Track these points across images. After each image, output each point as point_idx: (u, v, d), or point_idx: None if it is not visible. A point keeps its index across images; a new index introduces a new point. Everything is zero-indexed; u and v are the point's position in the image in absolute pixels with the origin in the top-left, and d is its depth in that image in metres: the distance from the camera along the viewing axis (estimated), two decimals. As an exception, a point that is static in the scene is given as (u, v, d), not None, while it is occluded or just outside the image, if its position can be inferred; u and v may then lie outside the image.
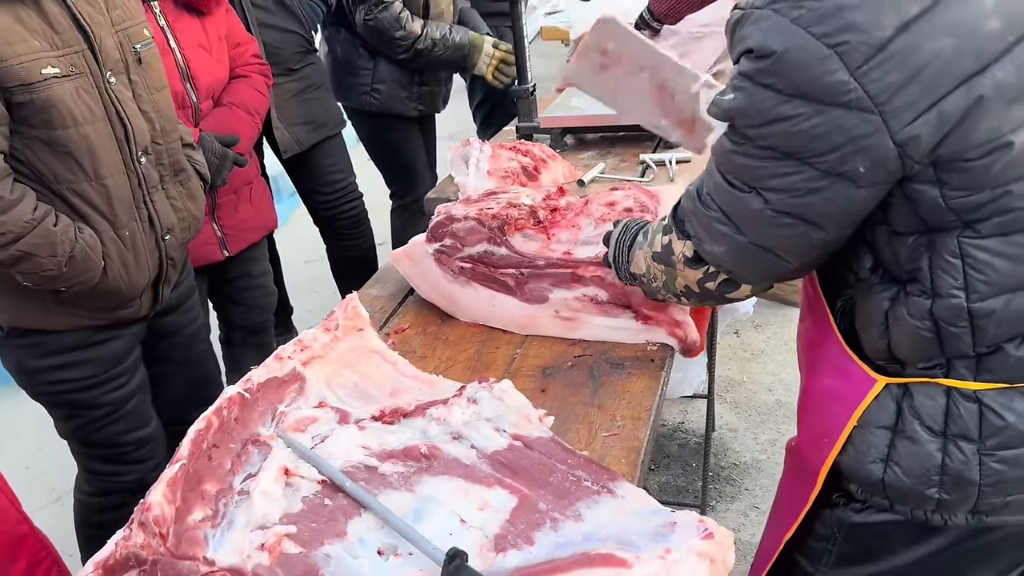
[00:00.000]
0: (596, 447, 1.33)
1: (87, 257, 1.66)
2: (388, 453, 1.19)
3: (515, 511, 1.10)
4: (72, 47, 1.62)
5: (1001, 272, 0.93)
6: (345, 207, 3.19)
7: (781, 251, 1.03)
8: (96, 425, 1.89)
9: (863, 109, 0.87)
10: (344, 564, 1.00)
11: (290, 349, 1.31)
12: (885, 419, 1.04)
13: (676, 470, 2.70)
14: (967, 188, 0.90)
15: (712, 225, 1.06)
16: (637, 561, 1.00)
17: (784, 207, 0.97)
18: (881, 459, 1.04)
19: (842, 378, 1.09)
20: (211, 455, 1.11)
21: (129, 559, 0.97)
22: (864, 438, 1.06)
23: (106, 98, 1.67)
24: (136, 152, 1.74)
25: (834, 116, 0.88)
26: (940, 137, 0.87)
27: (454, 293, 1.72)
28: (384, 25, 2.93)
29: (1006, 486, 1.00)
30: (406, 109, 3.18)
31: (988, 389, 0.99)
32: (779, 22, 0.88)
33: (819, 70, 0.86)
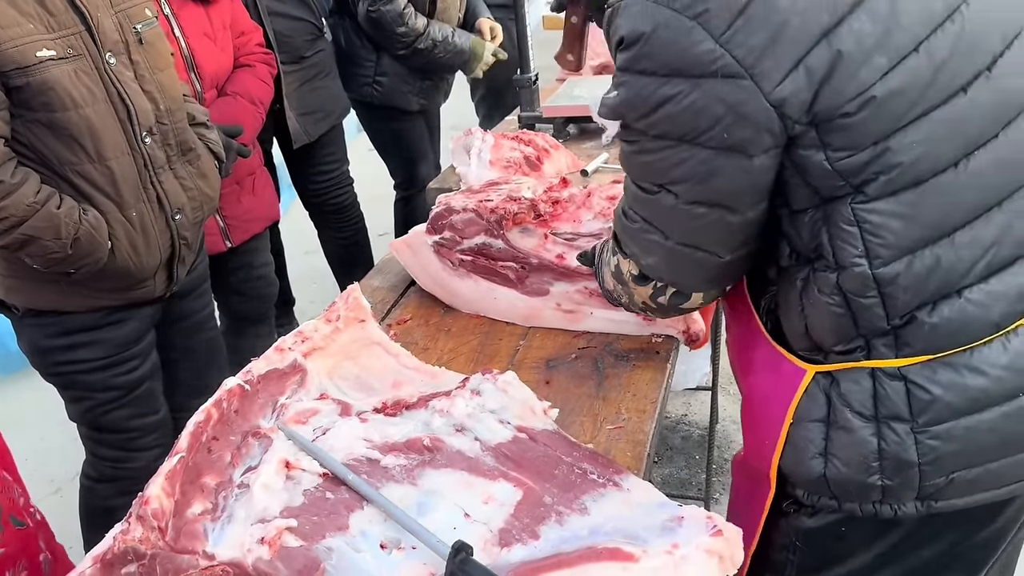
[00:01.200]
0: (601, 440, 1.31)
1: (92, 239, 1.66)
2: (390, 446, 1.17)
3: (520, 505, 1.09)
4: (69, 29, 1.60)
5: (898, 233, 0.93)
6: (333, 193, 3.18)
7: (707, 245, 1.04)
8: (105, 408, 1.88)
9: (734, 75, 0.88)
10: (346, 558, 0.99)
11: (291, 340, 1.29)
12: (817, 412, 1.03)
13: (679, 463, 2.69)
14: (849, 147, 0.91)
15: (640, 237, 1.08)
16: (644, 555, 0.99)
17: (693, 196, 0.98)
18: (820, 453, 1.03)
19: (774, 375, 1.08)
20: (211, 448, 1.09)
21: (127, 553, 0.96)
22: (800, 435, 1.05)
23: (106, 79, 1.66)
24: (140, 133, 1.73)
25: (709, 87, 0.89)
26: (812, 94, 0.88)
27: (453, 285, 1.70)
28: (387, 19, 2.90)
29: (945, 462, 0.98)
30: (408, 103, 3.16)
31: (911, 364, 0.97)
32: (643, 6, 0.91)
33: (686, 43, 0.89)
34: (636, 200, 1.06)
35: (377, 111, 3.21)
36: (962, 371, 0.96)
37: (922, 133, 0.90)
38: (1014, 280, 0.96)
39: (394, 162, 3.39)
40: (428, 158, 3.40)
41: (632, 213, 1.07)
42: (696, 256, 1.05)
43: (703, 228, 1.01)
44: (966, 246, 0.94)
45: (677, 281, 1.10)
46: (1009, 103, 0.94)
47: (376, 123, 3.30)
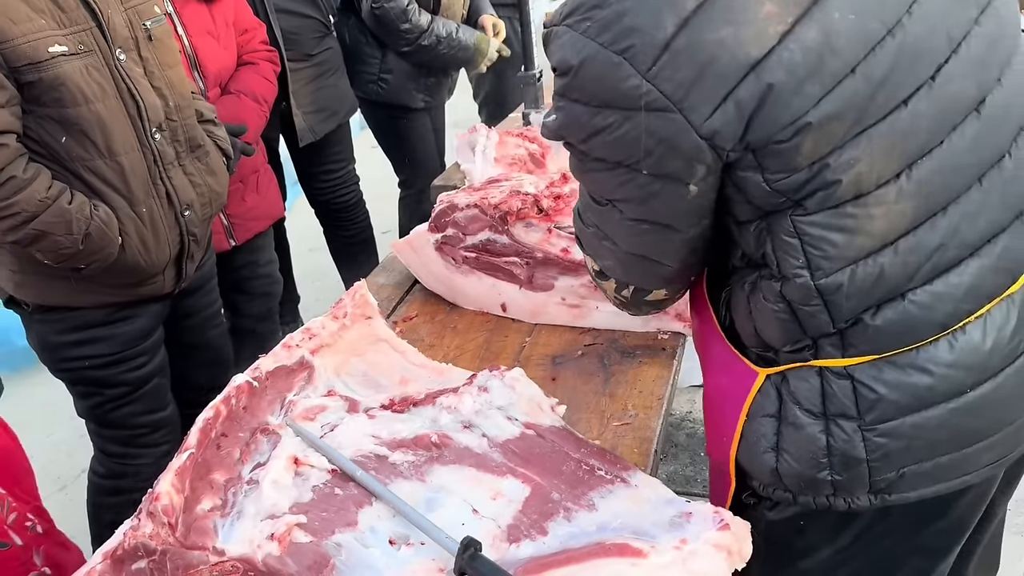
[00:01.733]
0: (608, 436, 1.31)
1: (103, 234, 1.66)
2: (398, 442, 1.17)
3: (528, 501, 1.09)
4: (79, 25, 1.61)
5: (839, 245, 0.92)
6: (340, 191, 3.17)
7: (654, 256, 1.04)
8: (113, 404, 1.89)
9: (662, 109, 0.87)
10: (355, 554, 0.99)
11: (298, 337, 1.29)
12: (769, 407, 1.04)
13: (684, 459, 2.68)
14: (785, 169, 0.90)
15: (594, 241, 1.09)
16: (652, 551, 0.99)
17: (635, 214, 0.99)
18: (772, 448, 1.04)
19: (729, 374, 1.09)
20: (220, 444, 1.10)
21: (138, 549, 0.96)
22: (753, 429, 1.05)
23: (116, 75, 1.67)
24: (150, 128, 1.73)
25: (639, 120, 0.89)
26: (744, 126, 0.88)
27: (457, 283, 1.70)
28: (390, 16, 2.89)
29: (894, 459, 0.99)
30: (413, 100, 3.15)
31: (857, 364, 0.98)
32: (572, 37, 0.90)
33: (614, 78, 0.88)
34: (588, 209, 1.07)
35: (382, 109, 3.21)
36: (908, 370, 0.96)
37: (860, 150, 0.89)
38: (959, 280, 0.95)
39: (398, 160, 3.38)
40: (433, 156, 3.39)
41: (587, 218, 1.08)
42: (644, 264, 1.06)
43: (649, 242, 1.02)
44: (910, 252, 0.94)
45: (631, 282, 1.11)
46: (955, 108, 0.93)
47: (381, 121, 3.29)
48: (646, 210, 0.98)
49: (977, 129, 0.94)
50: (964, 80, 0.93)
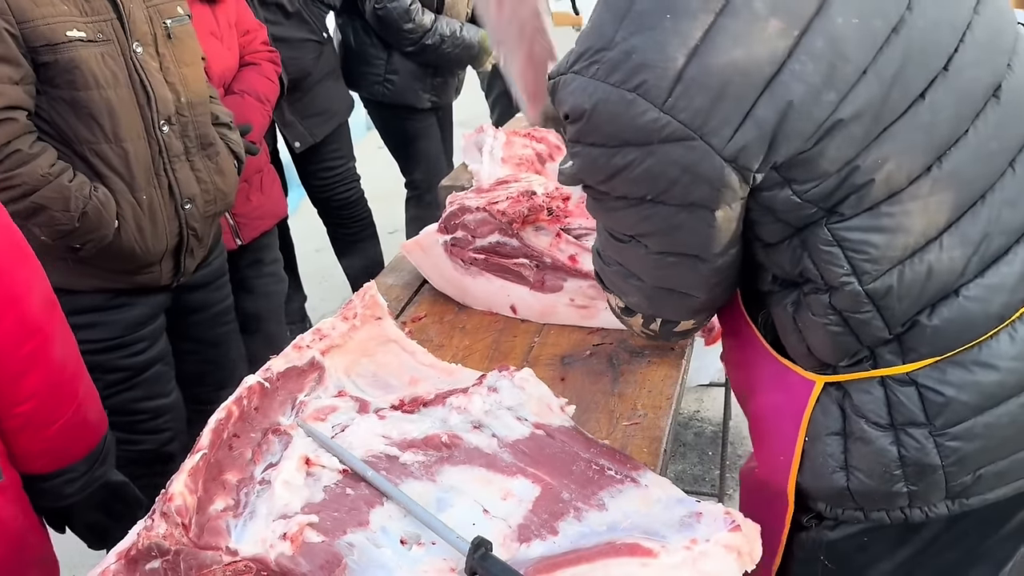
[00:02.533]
0: (617, 436, 1.32)
1: (99, 215, 1.70)
2: (409, 442, 1.18)
3: (538, 500, 1.09)
4: (100, 15, 1.68)
5: (881, 247, 0.92)
6: (339, 189, 3.18)
7: (683, 288, 1.04)
8: (112, 390, 1.91)
9: (683, 139, 0.88)
10: (367, 553, 1.00)
11: (309, 338, 1.30)
12: (833, 425, 1.02)
13: (692, 459, 2.69)
14: (813, 178, 0.90)
15: (618, 279, 1.08)
16: (663, 551, 0.99)
17: (661, 247, 0.99)
18: (841, 467, 1.01)
19: (782, 389, 1.06)
20: (232, 444, 1.10)
21: (151, 549, 0.96)
22: (818, 449, 1.03)
23: (131, 65, 1.73)
24: (158, 120, 1.78)
25: (662, 152, 0.89)
26: (767, 143, 0.88)
27: (467, 283, 1.71)
28: (393, 16, 2.90)
29: (969, 461, 0.97)
30: (419, 101, 3.15)
31: (919, 368, 0.96)
32: (581, 82, 0.90)
33: (629, 115, 0.88)
34: (609, 246, 1.06)
35: (389, 109, 3.21)
36: (972, 368, 0.95)
37: (886, 148, 0.89)
38: (1009, 270, 0.95)
39: (405, 161, 3.38)
40: (440, 157, 3.39)
41: (608, 257, 1.08)
42: (673, 296, 1.05)
43: (677, 274, 1.01)
44: (956, 246, 0.93)
45: (658, 315, 1.11)
46: (973, 95, 0.92)
47: (387, 122, 3.30)
48: (672, 242, 0.97)
49: (999, 115, 0.93)
50: (977, 67, 0.92)
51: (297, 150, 2.99)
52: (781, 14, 0.86)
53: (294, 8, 2.79)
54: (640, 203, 0.95)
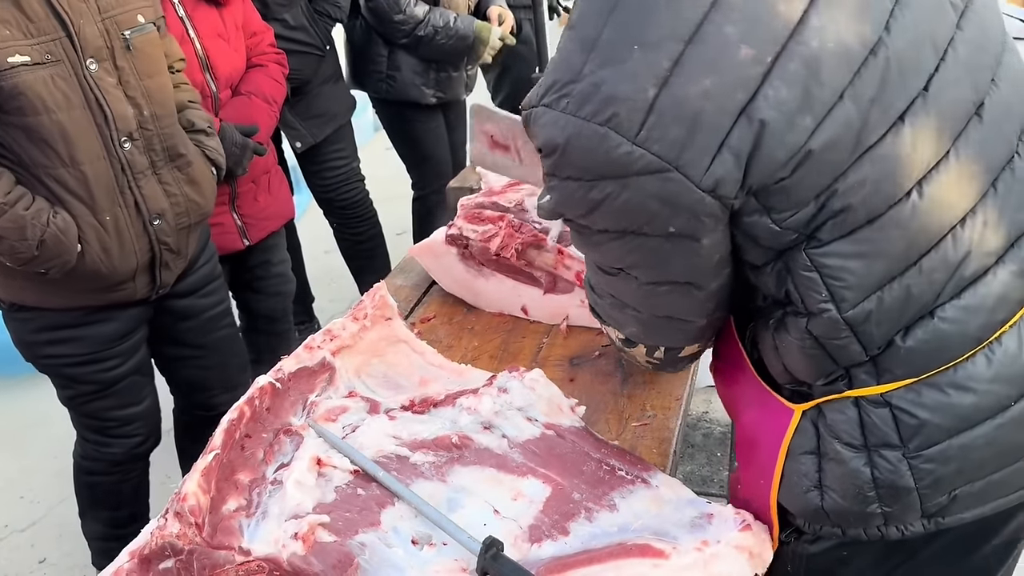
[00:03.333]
0: (627, 437, 1.32)
1: (59, 242, 1.66)
2: (419, 443, 1.18)
3: (549, 501, 1.09)
4: (48, 35, 1.60)
5: (859, 273, 0.90)
6: (342, 189, 3.17)
7: (680, 315, 1.02)
8: (86, 398, 1.93)
9: (658, 171, 0.86)
10: (379, 553, 1.00)
11: (319, 339, 1.30)
12: (808, 444, 1.00)
13: (701, 460, 2.68)
14: (792, 207, 0.88)
15: (613, 311, 1.07)
16: (674, 552, 0.99)
17: (651, 278, 0.97)
18: (815, 486, 1.00)
19: (763, 411, 1.06)
20: (244, 445, 1.11)
21: (165, 548, 0.97)
22: (794, 468, 1.01)
23: (85, 85, 1.66)
24: (118, 138, 1.72)
25: (638, 185, 0.87)
26: (743, 171, 0.86)
27: (478, 286, 1.71)
28: (383, 8, 2.89)
29: (944, 483, 0.95)
30: (422, 96, 3.14)
31: (894, 389, 0.94)
32: (552, 116, 0.89)
33: (603, 149, 0.86)
34: (600, 280, 1.04)
35: (392, 107, 3.20)
36: (947, 390, 0.93)
37: (864, 172, 0.87)
38: (988, 291, 0.92)
39: (409, 160, 3.36)
40: (445, 156, 3.39)
41: (601, 291, 1.06)
42: (671, 324, 1.03)
43: (671, 303, 1.00)
44: (936, 270, 0.91)
45: (659, 344, 1.08)
46: (955, 116, 0.90)
47: (392, 119, 3.28)
48: (662, 272, 0.96)
49: (982, 134, 0.92)
50: (958, 86, 0.91)
51: (298, 150, 2.99)
52: (753, 40, 0.84)
53: (298, 22, 2.80)
54: (623, 235, 0.93)
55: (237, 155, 2.24)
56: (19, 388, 3.28)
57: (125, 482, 2.08)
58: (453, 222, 1.73)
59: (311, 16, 2.82)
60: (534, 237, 1.61)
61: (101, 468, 2.04)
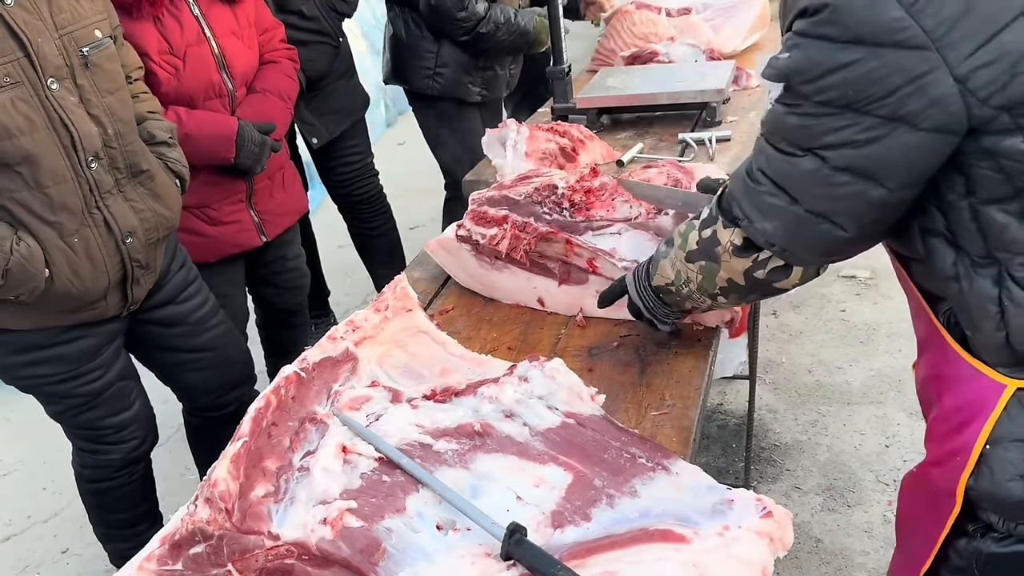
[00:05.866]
0: (646, 426, 1.33)
1: (24, 269, 1.64)
2: (442, 431, 1.20)
3: (571, 487, 1.11)
4: (6, 56, 1.56)
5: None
6: (357, 184, 3.18)
7: (837, 216, 0.98)
8: (75, 411, 1.93)
9: (920, 47, 0.84)
10: (405, 538, 1.02)
11: (342, 329, 1.32)
12: (1019, 432, 0.95)
13: (716, 451, 2.69)
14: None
15: (763, 200, 1.03)
16: (696, 537, 1.00)
17: (842, 162, 0.94)
18: (1020, 476, 0.95)
19: (969, 392, 1.01)
20: (270, 433, 1.13)
21: (195, 534, 0.99)
22: (998, 455, 0.97)
23: (48, 105, 1.63)
24: (85, 158, 1.69)
25: (891, 57, 0.86)
26: (1006, 75, 0.83)
27: (493, 278, 1.72)
28: (447, 5, 2.89)
29: None
30: (468, 94, 3.12)
31: None
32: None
33: (873, 10, 0.85)
34: (771, 162, 1.01)
35: (435, 104, 3.16)
36: None
37: None
38: None
39: (446, 159, 3.30)
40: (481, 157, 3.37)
41: (761, 176, 1.02)
42: (821, 227, 0.99)
43: (840, 197, 0.96)
44: None
45: (790, 249, 1.04)
46: None
47: (433, 118, 3.23)
48: (859, 156, 0.92)
49: None
50: None
51: (314, 146, 3.01)
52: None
53: (312, 13, 2.81)
54: (843, 111, 0.90)
55: (256, 153, 2.26)
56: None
57: (130, 484, 2.09)
58: (462, 221, 1.75)
59: (324, 8, 2.83)
60: (538, 233, 1.63)
61: (103, 475, 2.05)
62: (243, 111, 2.30)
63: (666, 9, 3.33)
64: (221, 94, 2.25)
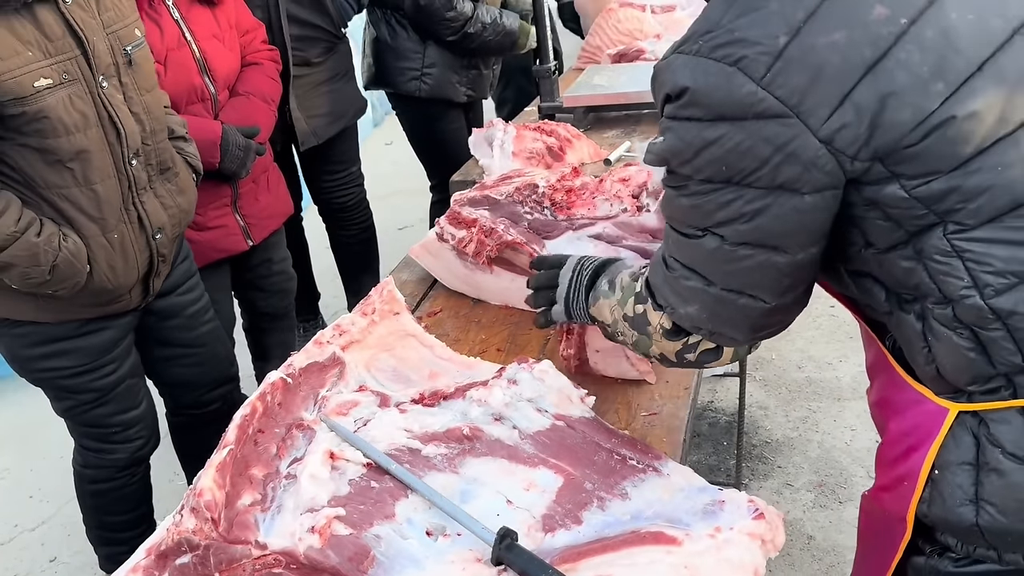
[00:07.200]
0: (636, 427, 1.32)
1: (71, 264, 1.66)
2: (430, 435, 1.19)
3: (561, 491, 1.10)
4: (65, 54, 1.60)
5: (1006, 260, 0.88)
6: (339, 192, 3.14)
7: (752, 289, 1.00)
8: (85, 407, 1.93)
9: (778, 115, 0.88)
10: (394, 545, 1.01)
11: (329, 334, 1.31)
12: (965, 455, 0.95)
13: (707, 449, 2.69)
14: (923, 174, 0.88)
15: (680, 285, 1.05)
16: (687, 539, 1.00)
17: (739, 238, 0.96)
18: (970, 500, 0.94)
19: (914, 416, 1.01)
20: (257, 440, 1.11)
21: (181, 544, 0.98)
22: (947, 480, 0.96)
23: (99, 103, 1.66)
24: (128, 155, 1.72)
25: (754, 128, 0.89)
26: (867, 130, 0.87)
27: (478, 280, 1.71)
28: (436, 5, 2.88)
29: None
30: (456, 94, 3.11)
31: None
32: (685, 60, 0.93)
33: (728, 88, 0.89)
34: (678, 246, 1.03)
35: (421, 105, 3.14)
36: None
37: (1011, 155, 0.86)
38: None
39: (432, 160, 3.30)
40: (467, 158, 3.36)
41: (672, 261, 1.05)
42: (740, 302, 1.00)
43: (748, 271, 0.98)
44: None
45: (717, 330, 1.05)
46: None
47: (419, 121, 3.21)
48: (752, 229, 0.94)
49: None
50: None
51: (301, 148, 2.97)
52: (888, 1, 0.86)
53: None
54: (724, 187, 0.93)
55: (241, 157, 2.24)
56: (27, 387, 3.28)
57: (130, 485, 2.08)
58: (438, 220, 1.74)
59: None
60: (502, 241, 1.62)
61: (105, 475, 2.04)
62: (226, 115, 2.27)
63: (651, 6, 3.32)
64: (204, 98, 2.23)
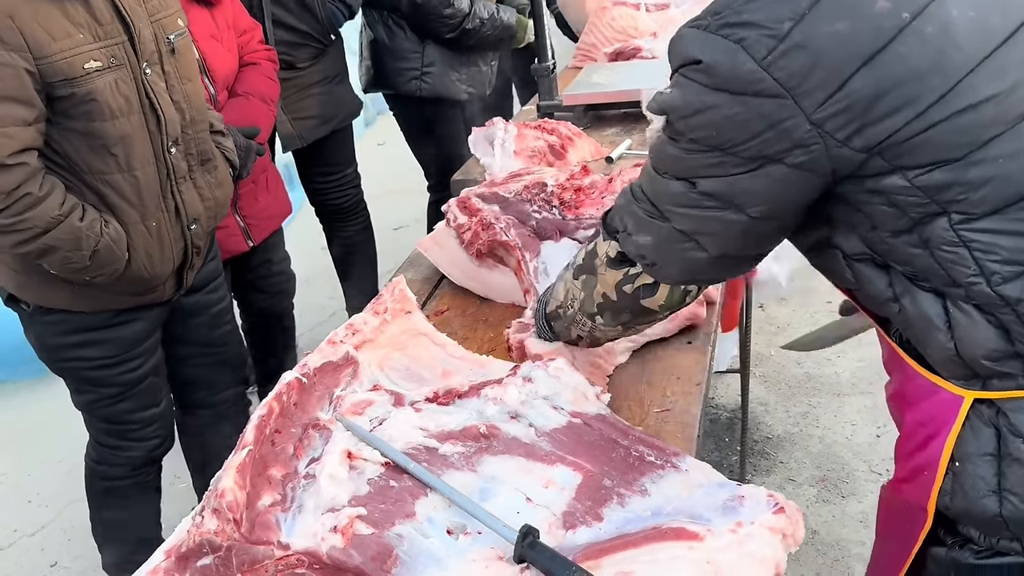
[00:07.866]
0: (650, 423, 1.32)
1: (111, 251, 1.68)
2: (447, 434, 1.18)
3: (580, 488, 1.10)
4: (113, 39, 1.63)
5: (1011, 249, 0.90)
6: (335, 194, 3.13)
7: (701, 237, 1.04)
8: (108, 402, 1.93)
9: (776, 95, 0.91)
10: (416, 544, 1.00)
11: (342, 333, 1.30)
12: (985, 446, 0.96)
13: (709, 445, 2.70)
14: (925, 164, 0.90)
15: (640, 215, 1.09)
16: (709, 534, 1.00)
17: (710, 188, 1.00)
18: (993, 491, 0.95)
19: (930, 407, 1.03)
20: (274, 440, 1.11)
21: (203, 546, 0.97)
22: (968, 471, 0.97)
23: (142, 90, 1.69)
24: (167, 143, 1.75)
25: (753, 103, 0.93)
26: (859, 117, 0.90)
27: (485, 277, 1.71)
28: (433, 3, 2.87)
29: None
30: (457, 92, 3.09)
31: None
32: (695, 33, 0.97)
33: (732, 63, 0.93)
34: (650, 181, 1.08)
35: (421, 107, 3.13)
36: None
37: (1011, 148, 0.88)
38: None
39: (430, 159, 3.28)
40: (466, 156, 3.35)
41: (639, 192, 1.10)
42: (685, 244, 1.06)
43: (704, 220, 1.02)
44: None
45: (658, 263, 1.11)
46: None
47: (418, 120, 3.20)
48: (724, 188, 0.99)
49: None
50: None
51: (283, 150, 2.94)
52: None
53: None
54: (710, 151, 0.97)
55: (242, 158, 2.23)
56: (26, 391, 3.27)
57: (143, 485, 2.08)
58: (448, 203, 1.74)
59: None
60: (495, 239, 1.62)
61: (119, 473, 2.03)
62: (227, 115, 2.26)
63: (645, 4, 3.33)
64: (203, 99, 2.22)
